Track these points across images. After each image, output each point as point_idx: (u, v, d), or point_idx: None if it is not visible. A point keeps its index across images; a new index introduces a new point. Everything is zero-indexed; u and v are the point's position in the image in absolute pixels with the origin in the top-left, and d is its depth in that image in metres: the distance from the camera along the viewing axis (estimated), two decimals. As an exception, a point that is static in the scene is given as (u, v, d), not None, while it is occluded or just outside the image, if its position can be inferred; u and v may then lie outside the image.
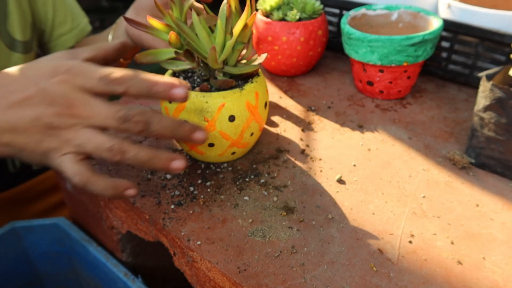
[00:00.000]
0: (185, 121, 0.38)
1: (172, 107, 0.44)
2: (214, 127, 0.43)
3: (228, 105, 0.43)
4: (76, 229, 0.56)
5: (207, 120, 0.43)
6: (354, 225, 0.41)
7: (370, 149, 0.52)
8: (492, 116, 0.46)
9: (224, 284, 0.38)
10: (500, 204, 0.44)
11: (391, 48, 0.56)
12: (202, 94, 0.43)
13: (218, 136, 0.44)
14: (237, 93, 0.44)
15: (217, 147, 0.45)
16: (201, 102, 0.43)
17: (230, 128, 0.44)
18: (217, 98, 0.43)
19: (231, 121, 0.44)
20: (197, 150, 0.46)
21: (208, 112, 0.43)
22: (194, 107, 0.43)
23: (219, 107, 0.43)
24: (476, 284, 0.36)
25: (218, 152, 0.46)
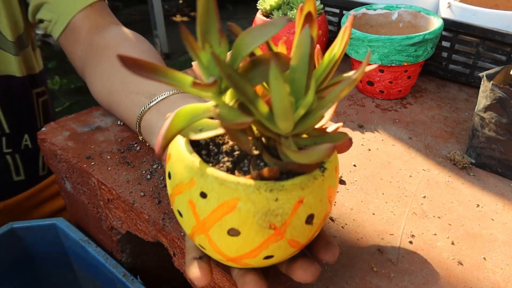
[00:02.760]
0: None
1: (207, 205, 0.27)
2: (282, 236, 0.27)
3: (308, 201, 0.27)
4: (75, 230, 0.56)
5: (275, 227, 0.27)
6: (354, 225, 0.41)
7: (370, 149, 0.52)
8: (493, 116, 0.46)
9: (224, 284, 0.38)
10: (500, 205, 0.44)
11: (391, 48, 0.56)
12: (268, 186, 0.26)
13: (284, 246, 0.28)
14: (319, 178, 0.28)
15: (275, 258, 0.30)
16: (267, 200, 0.26)
17: (304, 232, 0.29)
18: (292, 192, 0.27)
19: (309, 223, 0.28)
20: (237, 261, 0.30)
21: (278, 216, 0.27)
22: (253, 209, 0.26)
23: (294, 207, 0.27)
24: (476, 284, 0.36)
25: (277, 260, 0.30)
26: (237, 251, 0.28)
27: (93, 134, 0.56)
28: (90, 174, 0.49)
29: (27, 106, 0.71)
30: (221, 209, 0.27)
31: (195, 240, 0.30)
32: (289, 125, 0.26)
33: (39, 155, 0.74)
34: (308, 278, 0.29)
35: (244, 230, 0.27)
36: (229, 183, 0.26)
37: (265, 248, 0.28)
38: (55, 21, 0.60)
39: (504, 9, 0.70)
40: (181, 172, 0.28)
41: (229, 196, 0.26)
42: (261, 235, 0.27)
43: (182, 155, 0.28)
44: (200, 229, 0.28)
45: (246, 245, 0.28)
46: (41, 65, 0.74)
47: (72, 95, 2.19)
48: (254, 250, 0.28)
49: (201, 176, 0.27)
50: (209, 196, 0.27)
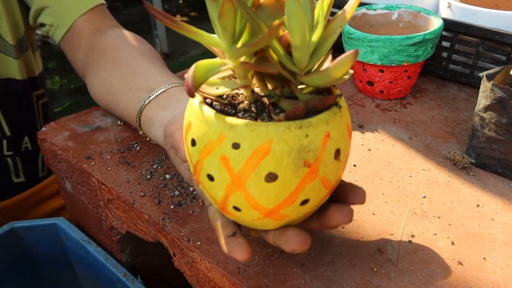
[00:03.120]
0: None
1: (241, 155, 0.27)
2: (316, 173, 0.28)
3: (334, 135, 0.28)
4: (76, 230, 0.56)
5: (309, 164, 0.28)
6: (354, 225, 0.41)
7: (370, 149, 0.52)
8: (493, 116, 0.46)
9: (224, 284, 0.38)
10: (500, 205, 0.44)
11: (391, 48, 0.56)
12: (297, 124, 0.27)
13: (318, 186, 0.29)
14: (338, 114, 0.29)
15: (311, 202, 0.30)
16: (299, 137, 0.27)
17: (334, 169, 0.29)
18: (319, 127, 0.27)
19: (337, 158, 0.29)
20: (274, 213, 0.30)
21: (310, 152, 0.27)
22: (287, 148, 0.27)
23: (323, 141, 0.28)
24: (476, 284, 0.36)
25: (310, 209, 0.31)
26: (275, 199, 0.28)
27: (93, 134, 0.56)
28: (90, 174, 0.49)
29: (27, 108, 0.71)
30: (256, 155, 0.27)
31: (229, 204, 0.30)
32: (306, 55, 0.28)
33: (38, 157, 0.74)
34: (346, 220, 0.30)
35: (281, 172, 0.27)
36: (259, 127, 0.27)
37: (301, 190, 0.28)
38: (57, 25, 0.60)
39: (504, 9, 0.70)
40: (208, 131, 0.28)
41: (262, 140, 0.26)
42: (297, 175, 0.27)
43: (206, 115, 0.28)
44: (236, 184, 0.28)
45: (283, 189, 0.28)
46: (40, 67, 0.74)
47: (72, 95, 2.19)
48: (291, 195, 0.28)
49: (230, 128, 0.27)
50: (242, 145, 0.27)
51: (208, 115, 0.28)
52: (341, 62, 0.26)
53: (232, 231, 0.32)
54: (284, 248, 0.30)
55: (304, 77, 0.29)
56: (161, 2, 2.63)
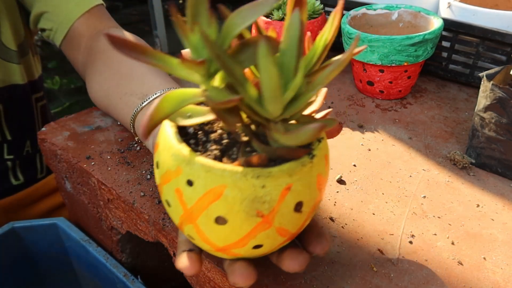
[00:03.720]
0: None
1: (194, 193, 0.26)
2: (270, 224, 0.27)
3: (296, 188, 0.27)
4: (76, 230, 0.56)
5: (262, 215, 0.26)
6: (354, 225, 0.41)
7: (370, 149, 0.52)
8: (493, 116, 0.46)
9: (224, 284, 0.38)
10: (500, 205, 0.44)
11: (391, 48, 0.56)
12: (255, 173, 0.26)
13: (272, 235, 0.28)
14: (307, 165, 0.27)
15: (265, 248, 0.29)
16: (254, 187, 0.26)
17: (292, 220, 0.28)
18: (279, 179, 0.26)
19: (297, 210, 0.27)
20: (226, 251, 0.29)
21: (265, 203, 0.26)
22: (239, 196, 0.26)
23: (282, 194, 0.26)
24: (476, 284, 0.36)
25: (264, 252, 0.30)
26: (225, 240, 0.28)
27: (93, 134, 0.56)
28: (90, 174, 0.49)
29: (27, 112, 0.71)
30: (207, 197, 0.26)
31: (184, 231, 0.30)
32: (278, 108, 0.26)
33: (37, 159, 0.74)
34: (296, 267, 0.29)
35: (231, 218, 0.26)
36: (215, 170, 0.26)
37: (253, 237, 0.27)
38: (56, 30, 0.60)
39: (504, 9, 0.70)
40: (168, 160, 0.28)
41: (216, 183, 0.26)
42: (248, 223, 0.27)
43: (170, 143, 0.28)
44: (188, 218, 0.28)
45: (233, 234, 0.27)
46: (40, 70, 0.75)
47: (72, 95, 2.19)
48: (242, 239, 0.27)
49: (187, 164, 0.26)
50: (195, 184, 0.26)
51: (172, 144, 0.28)
52: (311, 131, 0.25)
53: (190, 248, 0.32)
54: (283, 268, 0.30)
55: (274, 131, 0.27)
56: (161, 2, 2.63)
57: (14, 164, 0.70)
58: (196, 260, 0.30)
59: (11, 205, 0.72)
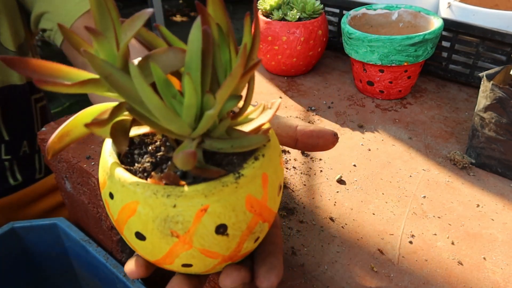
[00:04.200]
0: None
1: (114, 206, 0.26)
2: (190, 245, 0.26)
3: (215, 209, 0.25)
4: (76, 230, 0.56)
5: (177, 235, 0.25)
6: (354, 225, 0.41)
7: (370, 149, 0.52)
8: (493, 116, 0.46)
9: (223, 284, 0.38)
10: (500, 205, 0.44)
11: (391, 48, 0.56)
12: (166, 191, 0.25)
13: (197, 255, 0.26)
14: (230, 186, 0.25)
15: (196, 267, 0.28)
16: (165, 206, 0.24)
17: (219, 243, 0.26)
18: (193, 199, 0.24)
19: (221, 233, 0.26)
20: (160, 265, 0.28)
21: (178, 223, 0.25)
22: (152, 214, 0.25)
23: (197, 215, 0.25)
24: (476, 284, 0.36)
25: (200, 270, 0.28)
26: (151, 256, 0.27)
27: (93, 134, 0.56)
28: (90, 174, 0.49)
29: (26, 112, 0.71)
30: (125, 211, 0.26)
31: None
32: (178, 126, 0.24)
33: (35, 159, 0.74)
34: (227, 284, 0.28)
35: (148, 235, 0.26)
36: (129, 185, 0.25)
37: (176, 255, 0.26)
38: (56, 30, 0.60)
39: (504, 9, 0.70)
40: (100, 170, 0.28)
41: (129, 199, 0.25)
42: (165, 242, 0.25)
43: (103, 155, 0.28)
44: (117, 227, 0.28)
45: (155, 250, 0.26)
46: None
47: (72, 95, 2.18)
48: (166, 257, 0.26)
49: (109, 177, 0.26)
50: (115, 197, 0.26)
51: (103, 156, 0.28)
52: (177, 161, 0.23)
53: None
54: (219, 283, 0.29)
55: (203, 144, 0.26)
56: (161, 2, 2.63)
57: (12, 164, 0.70)
58: (142, 264, 0.30)
59: (9, 205, 0.72)
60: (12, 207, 0.72)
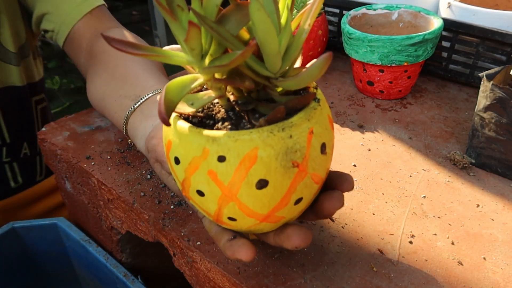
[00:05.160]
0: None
1: (228, 167, 0.27)
2: (306, 172, 0.28)
3: (317, 130, 0.28)
4: (76, 230, 0.56)
5: (297, 164, 0.27)
6: (354, 225, 0.41)
7: (370, 149, 0.52)
8: (493, 116, 0.46)
9: (224, 284, 0.38)
10: (501, 205, 0.44)
11: (392, 48, 0.56)
12: (279, 126, 0.27)
13: (309, 183, 0.29)
14: (318, 108, 0.29)
15: (304, 200, 0.30)
16: (283, 140, 0.26)
17: (322, 163, 0.29)
18: (302, 126, 0.27)
19: (323, 152, 0.29)
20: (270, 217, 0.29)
21: (297, 151, 0.27)
22: (273, 152, 0.26)
23: (308, 138, 0.27)
24: (476, 284, 0.36)
25: (304, 206, 0.30)
26: (269, 204, 0.28)
27: (93, 134, 0.56)
28: (90, 174, 0.49)
29: (26, 114, 0.71)
30: (243, 165, 0.26)
31: (223, 216, 0.29)
32: (277, 60, 0.27)
33: (36, 161, 0.74)
34: (301, 243, 0.29)
35: (271, 177, 0.27)
36: (243, 136, 0.26)
37: (293, 191, 0.28)
38: (57, 31, 0.60)
39: (504, 9, 0.70)
40: (190, 148, 0.28)
41: (248, 148, 0.26)
42: (287, 177, 0.27)
43: (186, 132, 0.28)
44: (228, 196, 0.28)
45: (276, 193, 0.28)
46: (41, 73, 0.75)
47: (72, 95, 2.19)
48: (285, 197, 0.28)
49: (213, 142, 0.27)
50: (228, 157, 0.26)
51: (187, 131, 0.28)
52: (316, 67, 0.26)
53: (232, 235, 0.31)
54: (287, 246, 0.30)
55: (280, 82, 0.28)
56: (161, 2, 2.63)
57: (12, 167, 0.70)
58: (249, 244, 0.30)
59: (9, 206, 0.72)
60: (12, 208, 0.72)
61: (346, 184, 0.32)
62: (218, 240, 0.32)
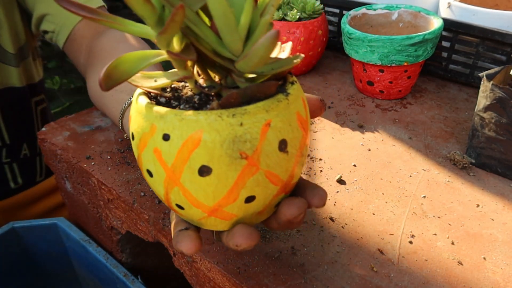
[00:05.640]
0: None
1: (172, 147, 0.26)
2: (257, 167, 0.26)
3: (276, 124, 0.26)
4: (76, 230, 0.56)
5: (246, 156, 0.25)
6: (354, 225, 0.41)
7: (370, 149, 0.52)
8: (493, 116, 0.46)
9: (224, 284, 0.38)
10: (500, 205, 0.44)
11: (391, 48, 0.56)
12: (230, 112, 0.25)
13: (262, 181, 0.27)
14: (284, 101, 0.27)
15: (258, 200, 0.28)
16: (232, 126, 0.25)
17: (280, 162, 0.27)
18: (257, 115, 0.25)
19: (282, 150, 0.26)
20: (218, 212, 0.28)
21: (247, 142, 0.25)
22: (218, 138, 0.25)
23: (262, 130, 0.25)
24: (476, 284, 0.36)
25: (259, 207, 0.28)
26: (214, 196, 0.26)
27: (93, 134, 0.56)
28: (90, 174, 0.49)
29: (26, 115, 0.71)
30: (186, 147, 0.25)
31: (171, 201, 0.28)
32: (236, 40, 0.25)
33: (36, 162, 0.74)
34: (294, 211, 0.28)
35: (215, 164, 0.25)
36: (189, 117, 0.25)
37: (242, 185, 0.26)
38: (58, 32, 0.60)
39: (504, 9, 0.70)
40: (142, 123, 0.27)
41: (192, 130, 0.25)
42: (233, 168, 0.25)
43: (141, 108, 0.27)
44: (172, 179, 0.26)
45: (221, 185, 0.26)
46: (41, 74, 0.75)
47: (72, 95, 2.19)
48: (231, 190, 0.26)
49: (160, 119, 0.26)
50: (172, 136, 0.25)
51: (143, 107, 0.27)
52: (262, 45, 0.24)
53: (185, 226, 0.30)
54: (229, 244, 0.28)
55: (238, 64, 0.26)
56: (161, 2, 2.63)
57: (12, 167, 0.70)
58: (194, 236, 0.28)
59: (10, 206, 0.72)
60: (12, 209, 0.72)
61: (317, 198, 0.29)
62: (172, 230, 0.31)
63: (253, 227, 0.28)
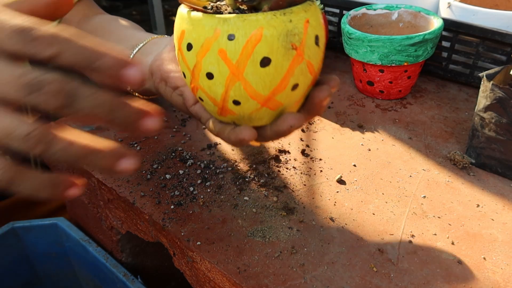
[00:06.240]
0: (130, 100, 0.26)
1: (237, 45, 0.30)
2: (302, 57, 0.31)
3: (312, 22, 0.31)
4: (76, 229, 0.56)
5: (296, 47, 0.30)
6: (354, 225, 0.41)
7: (370, 149, 0.52)
8: (493, 116, 0.46)
9: (224, 284, 0.38)
10: (500, 205, 0.44)
11: (391, 48, 0.56)
12: (281, 12, 0.30)
13: (305, 69, 0.32)
14: (313, 5, 0.32)
15: (300, 88, 0.32)
16: (284, 23, 0.30)
17: (315, 54, 0.32)
18: (300, 14, 0.31)
19: (317, 44, 0.32)
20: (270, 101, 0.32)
21: (296, 35, 0.30)
22: (276, 33, 0.30)
23: (305, 26, 0.31)
24: (476, 284, 0.36)
25: (298, 95, 0.33)
26: (270, 84, 0.31)
27: (93, 134, 0.56)
28: (90, 174, 0.49)
29: None
30: (250, 43, 0.29)
31: (229, 99, 0.32)
32: None
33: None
34: (326, 93, 0.33)
35: (273, 55, 0.30)
36: (250, 17, 0.30)
37: (292, 73, 0.31)
38: None
39: (504, 9, 0.70)
40: (203, 30, 0.30)
41: (254, 28, 0.29)
42: (287, 58, 0.30)
43: (200, 18, 0.31)
44: (235, 75, 0.30)
45: (277, 73, 0.30)
46: None
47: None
48: (284, 78, 0.31)
49: (224, 22, 0.30)
50: (237, 36, 0.30)
51: (201, 17, 0.31)
52: None
53: (233, 126, 0.33)
54: (282, 126, 0.32)
55: None
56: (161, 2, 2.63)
57: None
58: (249, 127, 0.33)
59: (9, 207, 0.71)
60: (12, 210, 0.72)
61: (333, 81, 0.34)
62: (222, 132, 0.34)
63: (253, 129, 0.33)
